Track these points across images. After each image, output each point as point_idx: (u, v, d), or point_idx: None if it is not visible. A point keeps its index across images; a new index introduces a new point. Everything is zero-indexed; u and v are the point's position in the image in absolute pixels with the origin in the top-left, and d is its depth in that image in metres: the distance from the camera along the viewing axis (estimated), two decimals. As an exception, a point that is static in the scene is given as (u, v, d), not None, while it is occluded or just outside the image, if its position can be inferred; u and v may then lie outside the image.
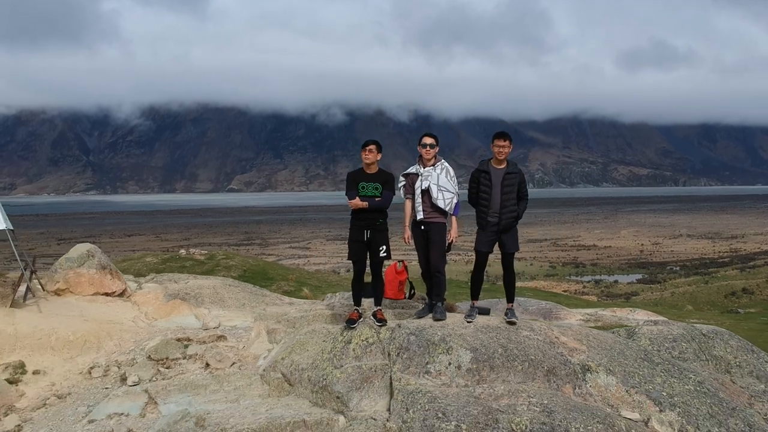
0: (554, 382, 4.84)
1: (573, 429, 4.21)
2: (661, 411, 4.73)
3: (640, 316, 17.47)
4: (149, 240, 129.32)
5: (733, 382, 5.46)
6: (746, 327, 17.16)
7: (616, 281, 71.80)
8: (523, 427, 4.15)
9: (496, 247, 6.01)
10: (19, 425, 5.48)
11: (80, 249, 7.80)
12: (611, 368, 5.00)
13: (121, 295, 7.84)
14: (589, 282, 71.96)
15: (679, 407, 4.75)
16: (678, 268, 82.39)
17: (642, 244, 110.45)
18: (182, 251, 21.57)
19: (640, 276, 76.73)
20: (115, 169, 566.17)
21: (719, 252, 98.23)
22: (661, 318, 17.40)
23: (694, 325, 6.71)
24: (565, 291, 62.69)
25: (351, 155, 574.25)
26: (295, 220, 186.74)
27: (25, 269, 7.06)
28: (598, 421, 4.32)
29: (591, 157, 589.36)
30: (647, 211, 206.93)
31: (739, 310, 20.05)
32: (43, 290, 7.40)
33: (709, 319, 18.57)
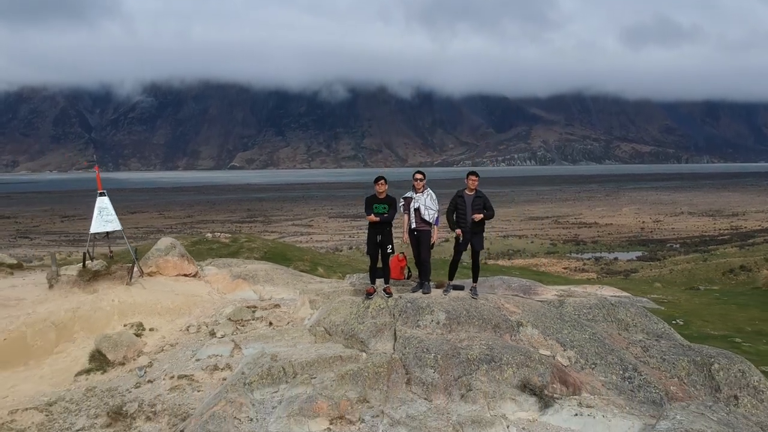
0: (498, 332, 7.61)
1: (504, 357, 6.99)
2: (564, 350, 7.51)
3: (607, 292, 20.26)
4: (152, 217, 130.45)
5: (620, 335, 8.24)
6: (698, 302, 19.93)
7: (615, 259, 71.76)
8: (474, 356, 6.94)
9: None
10: (150, 362, 8.30)
11: (166, 242, 10.55)
12: (536, 324, 7.77)
13: (195, 276, 10.62)
14: (589, 259, 72.24)
15: (576, 348, 7.53)
16: (678, 246, 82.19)
17: (643, 222, 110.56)
18: (209, 234, 24.30)
19: (640, 253, 76.55)
20: (117, 147, 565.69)
21: (720, 229, 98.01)
22: (624, 294, 20.22)
23: (607, 297, 9.47)
24: (565, 268, 63.38)
25: (353, 132, 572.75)
26: (298, 198, 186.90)
27: (135, 257, 9.82)
28: (521, 354, 7.10)
29: (594, 134, 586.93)
30: (649, 188, 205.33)
31: (700, 287, 22.74)
32: (141, 273, 10.16)
33: (667, 294, 21.34)
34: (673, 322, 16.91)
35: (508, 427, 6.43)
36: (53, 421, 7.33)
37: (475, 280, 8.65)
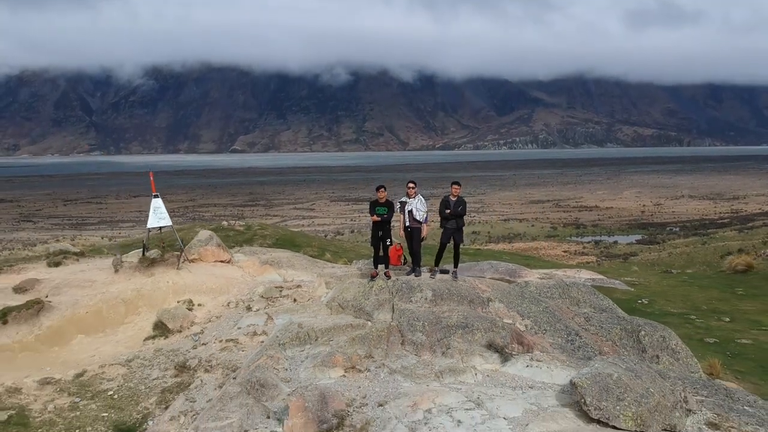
0: (472, 306, 9.86)
1: (476, 324, 9.25)
2: (522, 319, 9.77)
3: (584, 275, 22.55)
4: None
5: (569, 308, 10.49)
6: (666, 284, 22.15)
7: (615, 242, 71.54)
8: (453, 323, 9.20)
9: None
10: (201, 330, 10.58)
11: (205, 233, 12.80)
12: (501, 299, 10.02)
13: (229, 262, 12.88)
14: (589, 243, 71.87)
15: (532, 317, 9.79)
16: (678, 229, 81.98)
17: (644, 205, 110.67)
18: (225, 223, 26.58)
19: (639, 237, 76.41)
20: (119, 130, 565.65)
21: (720, 213, 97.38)
22: (599, 276, 22.48)
23: (563, 279, 11.70)
24: (565, 252, 64.19)
25: (355, 116, 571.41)
26: (299, 181, 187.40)
27: (182, 247, 12.07)
28: (488, 322, 9.35)
29: (595, 118, 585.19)
30: (650, 171, 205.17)
31: (672, 271, 24.98)
32: (187, 259, 12.41)
33: (640, 276, 23.60)
34: (639, 301, 19.16)
35: (476, 374, 8.71)
36: (133, 372, 9.64)
37: (455, 266, 10.90)
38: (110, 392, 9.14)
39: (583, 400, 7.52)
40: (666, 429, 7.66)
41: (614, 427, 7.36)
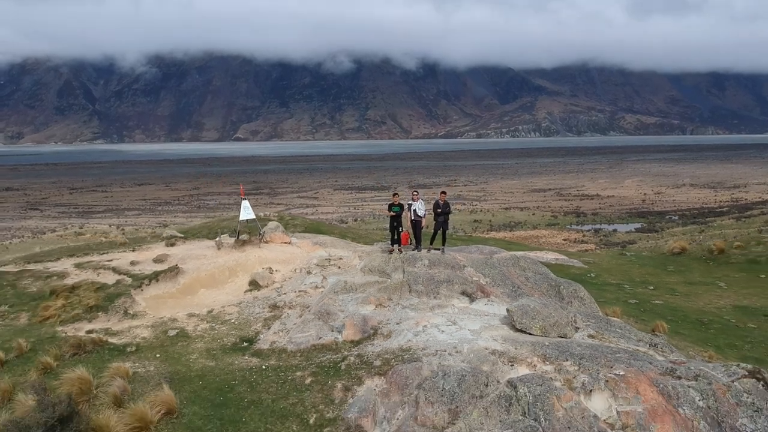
0: (453, 270, 15.72)
1: (455, 280, 15.12)
2: (484, 278, 15.65)
3: (550, 255, 28.42)
4: (159, 189, 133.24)
5: (516, 272, 16.34)
6: (614, 263, 27.98)
7: (615, 230, 73.01)
8: (440, 279, 15.08)
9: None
10: (281, 286, 16.45)
11: (273, 223, 18.68)
12: (472, 266, 15.88)
13: (289, 243, 18.75)
14: (588, 231, 73.16)
15: (490, 277, 15.67)
16: (677, 218, 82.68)
17: (645, 194, 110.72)
18: (261, 214, 32.31)
19: (638, 225, 77.24)
20: (122, 118, 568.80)
21: (720, 201, 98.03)
22: (561, 257, 28.30)
23: (515, 254, 17.54)
24: (565, 240, 66.84)
25: (357, 104, 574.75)
26: (302, 170, 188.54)
27: (261, 231, 17.96)
28: (463, 279, 15.22)
29: (598, 106, 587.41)
30: (653, 160, 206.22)
31: (627, 253, 30.75)
32: (264, 241, 18.26)
33: (596, 257, 29.43)
34: (588, 275, 25.01)
35: (454, 308, 14.57)
36: (243, 310, 15.51)
37: (443, 245, 16.74)
38: (232, 320, 15.02)
39: (512, 319, 13.35)
40: (560, 336, 13.49)
41: (529, 333, 13.18)
